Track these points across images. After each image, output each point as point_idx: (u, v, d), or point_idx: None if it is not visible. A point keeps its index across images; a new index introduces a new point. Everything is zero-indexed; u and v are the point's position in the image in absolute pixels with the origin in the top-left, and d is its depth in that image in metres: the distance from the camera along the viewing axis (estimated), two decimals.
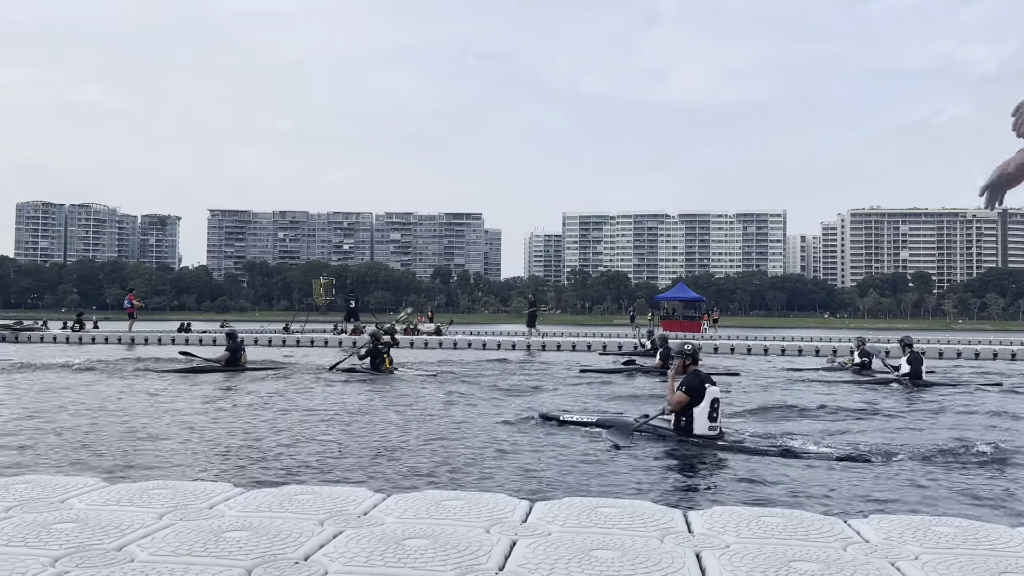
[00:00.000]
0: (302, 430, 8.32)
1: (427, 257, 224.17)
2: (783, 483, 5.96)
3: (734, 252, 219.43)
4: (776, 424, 9.12)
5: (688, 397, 7.39)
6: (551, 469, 6.35)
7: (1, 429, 8.04)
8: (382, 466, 6.47)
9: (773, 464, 6.57)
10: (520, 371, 17.33)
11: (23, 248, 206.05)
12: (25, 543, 2.73)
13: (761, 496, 5.56)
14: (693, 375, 7.64)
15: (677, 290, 61.71)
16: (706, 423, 7.34)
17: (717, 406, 7.43)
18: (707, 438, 7.31)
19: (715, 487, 5.99)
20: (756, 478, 6.11)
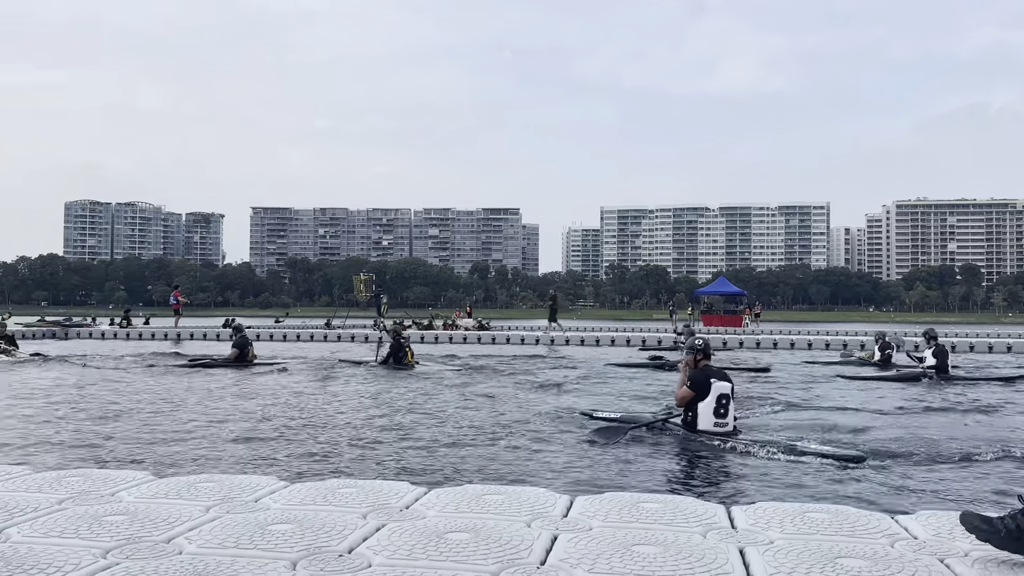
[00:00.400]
0: (336, 423, 8.42)
1: (465, 252, 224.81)
2: (794, 481, 5.86)
3: (776, 245, 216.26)
4: (799, 420, 8.90)
5: (692, 392, 7.24)
6: (581, 464, 6.34)
7: (51, 422, 8.27)
8: (417, 459, 6.51)
9: (781, 462, 6.41)
10: (546, 365, 17.31)
11: (71, 246, 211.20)
12: (77, 535, 2.80)
13: (778, 494, 5.47)
14: (699, 370, 7.46)
15: (718, 284, 60.94)
16: (711, 419, 7.16)
17: (726, 402, 7.21)
18: (712, 434, 7.12)
19: (718, 482, 5.91)
20: (765, 475, 6.00)
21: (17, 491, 3.47)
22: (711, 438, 7.05)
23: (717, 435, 7.08)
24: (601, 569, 2.49)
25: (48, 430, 7.80)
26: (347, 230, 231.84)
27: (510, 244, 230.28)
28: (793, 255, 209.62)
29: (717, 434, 7.10)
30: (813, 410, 10.06)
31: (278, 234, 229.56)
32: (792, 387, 13.11)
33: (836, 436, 7.70)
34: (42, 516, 3.04)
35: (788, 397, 11.42)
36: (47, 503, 3.25)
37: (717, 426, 7.16)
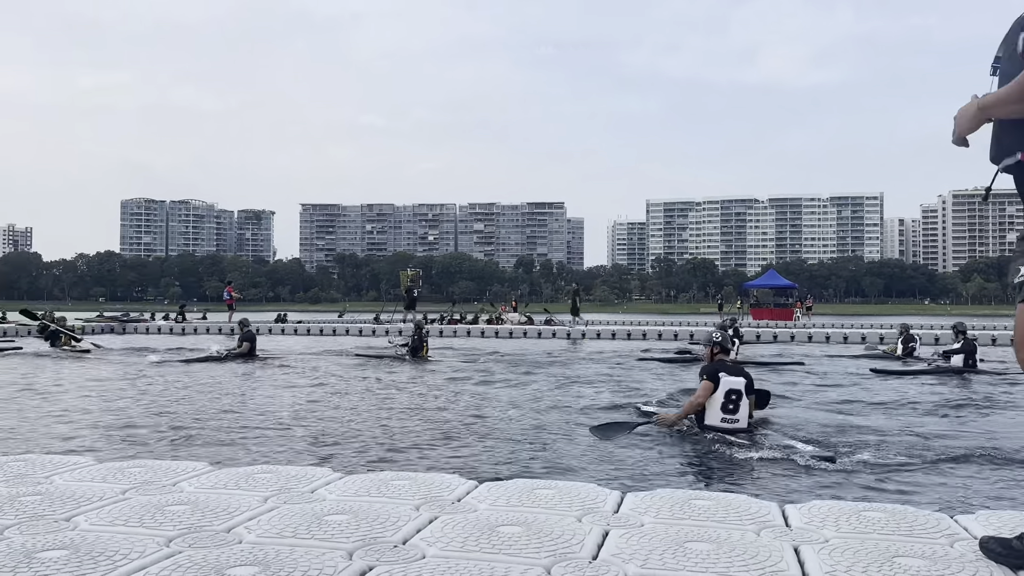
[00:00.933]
0: (373, 415, 8.56)
1: (510, 247, 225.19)
2: (839, 480, 5.75)
3: (828, 237, 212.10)
4: (827, 417, 8.70)
5: (712, 384, 7.07)
6: (595, 458, 6.36)
7: (111, 414, 8.53)
8: (459, 452, 6.58)
9: (793, 460, 6.24)
10: (574, 359, 17.29)
11: (128, 243, 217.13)
12: (142, 523, 2.90)
13: (825, 493, 5.38)
14: (711, 363, 7.35)
15: (768, 277, 60.02)
16: (719, 414, 7.01)
17: (736, 397, 7.01)
18: (719, 430, 6.96)
19: (757, 479, 5.84)
20: (794, 473, 5.89)
21: (83, 481, 3.59)
22: (719, 434, 6.89)
23: (726, 431, 6.93)
24: (654, 565, 2.48)
25: (109, 421, 8.05)
26: (394, 225, 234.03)
27: (555, 238, 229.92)
28: (845, 247, 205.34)
29: (725, 430, 6.94)
30: (845, 404, 9.89)
31: (327, 230, 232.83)
32: (826, 381, 12.87)
33: (863, 436, 7.47)
34: (108, 505, 3.15)
35: (823, 392, 11.22)
36: (112, 493, 3.36)
37: (725, 421, 6.99)
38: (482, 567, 2.43)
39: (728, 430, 6.94)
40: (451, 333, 29.09)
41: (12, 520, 2.93)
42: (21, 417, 8.38)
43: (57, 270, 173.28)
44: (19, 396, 10.18)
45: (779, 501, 3.44)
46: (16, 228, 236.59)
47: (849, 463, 6.19)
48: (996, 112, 2.44)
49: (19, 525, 2.87)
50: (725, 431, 6.92)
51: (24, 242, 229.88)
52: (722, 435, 6.85)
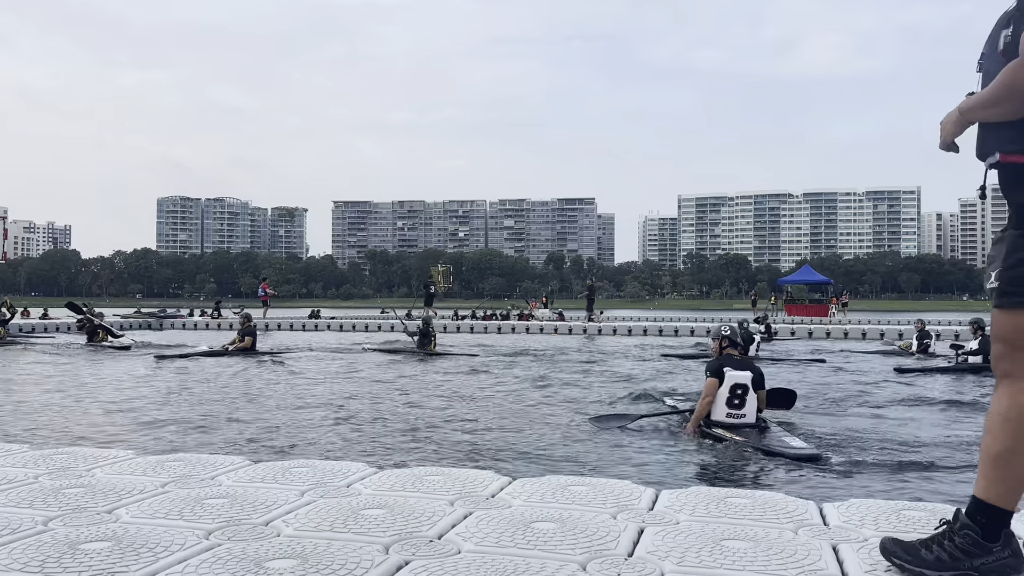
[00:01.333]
0: (397, 409, 8.67)
1: (540, 243, 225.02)
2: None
3: (863, 232, 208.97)
4: (829, 418, 8.50)
5: (716, 380, 6.96)
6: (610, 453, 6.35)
7: (150, 409, 8.68)
8: (488, 448, 6.63)
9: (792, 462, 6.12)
10: (597, 355, 17.24)
11: (164, 241, 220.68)
12: (181, 516, 2.94)
13: (862, 492, 5.30)
14: (717, 359, 7.23)
15: (802, 272, 59.29)
16: (724, 409, 6.89)
17: (742, 392, 6.87)
18: (724, 425, 6.83)
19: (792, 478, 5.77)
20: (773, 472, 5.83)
21: (124, 474, 3.66)
22: (723, 430, 6.76)
23: (731, 426, 6.81)
24: (690, 563, 2.47)
25: (146, 416, 8.19)
26: (424, 222, 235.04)
27: (585, 234, 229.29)
28: (882, 242, 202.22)
29: (731, 425, 6.81)
30: (867, 402, 9.75)
31: (359, 227, 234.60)
32: (850, 379, 12.68)
33: (895, 435, 7.32)
34: (148, 498, 3.20)
35: (844, 390, 11.06)
36: (152, 486, 3.41)
37: (731, 416, 6.87)
38: (517, 563, 2.43)
39: (734, 425, 6.80)
40: (481, 329, 29.15)
41: (56, 512, 2.99)
42: (60, 411, 8.56)
43: (95, 267, 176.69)
44: (58, 390, 10.39)
45: (816, 499, 3.41)
46: (56, 226, 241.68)
47: (879, 462, 6.09)
48: (976, 116, 2.38)
49: (63, 517, 2.93)
50: (730, 426, 6.79)
51: (64, 239, 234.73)
52: (726, 431, 6.72)
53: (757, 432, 6.69)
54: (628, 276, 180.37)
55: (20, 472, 3.67)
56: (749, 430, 6.72)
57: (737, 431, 6.68)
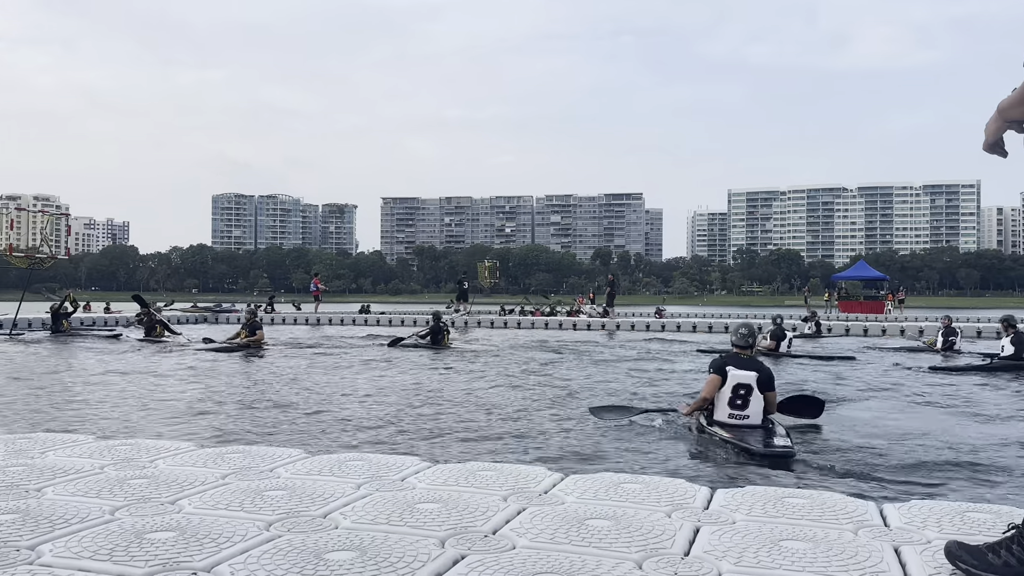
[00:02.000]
0: (439, 403, 8.74)
1: (587, 239, 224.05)
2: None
3: (920, 227, 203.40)
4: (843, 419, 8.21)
5: (719, 377, 6.71)
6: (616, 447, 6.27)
7: (204, 401, 8.89)
8: (534, 443, 6.65)
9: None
10: (635, 352, 17.08)
11: (219, 236, 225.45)
12: (242, 508, 3.01)
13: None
14: (722, 357, 6.99)
15: (857, 268, 57.87)
16: (726, 409, 6.64)
17: (745, 392, 6.59)
18: (727, 425, 6.57)
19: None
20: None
21: (185, 465, 3.75)
22: (725, 430, 6.51)
23: (733, 427, 6.54)
24: (748, 563, 2.44)
25: (199, 408, 8.40)
26: (471, 218, 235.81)
27: (633, 229, 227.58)
28: (939, 237, 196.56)
29: (733, 426, 6.56)
30: (908, 403, 9.45)
31: (407, 223, 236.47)
32: (878, 377, 12.33)
33: (947, 436, 7.10)
34: (209, 489, 3.28)
35: (882, 389, 10.77)
36: (212, 477, 3.50)
37: (733, 417, 6.62)
38: (573, 560, 2.43)
39: (736, 426, 6.55)
40: (528, 325, 29.14)
41: (122, 502, 3.08)
42: (118, 404, 8.81)
43: (152, 262, 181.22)
44: (116, 383, 10.71)
45: (878, 500, 3.34)
46: (115, 222, 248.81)
47: (930, 463, 5.94)
48: (1013, 114, 2.29)
49: (128, 507, 3.02)
50: (733, 427, 6.54)
51: (122, 235, 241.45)
52: (725, 431, 6.49)
53: (755, 433, 6.41)
54: (676, 272, 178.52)
55: (86, 463, 3.79)
56: (748, 431, 6.45)
57: (739, 432, 6.41)
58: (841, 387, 10.87)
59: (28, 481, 3.39)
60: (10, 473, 3.51)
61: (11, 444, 4.24)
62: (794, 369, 13.64)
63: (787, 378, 11.97)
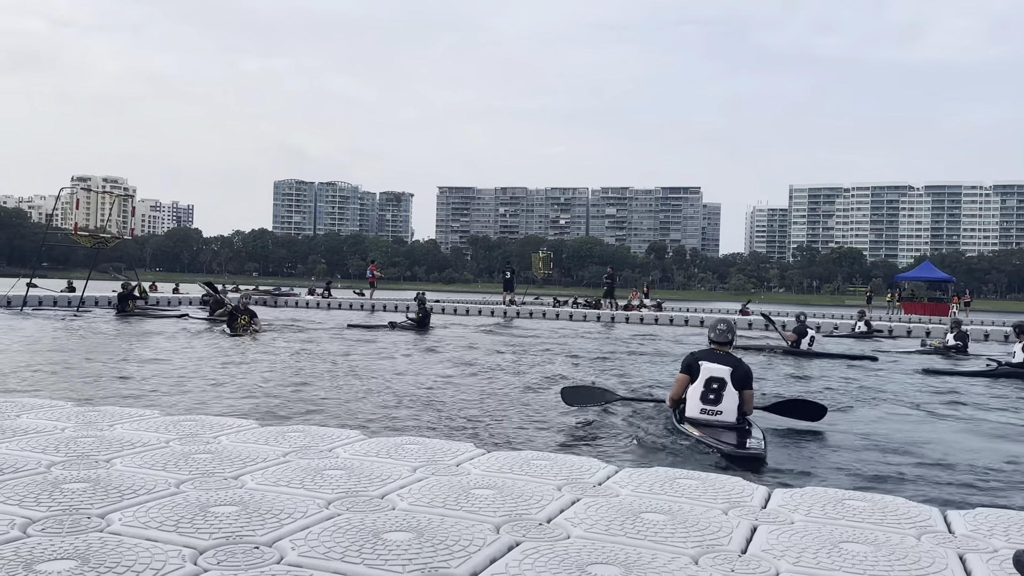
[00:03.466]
0: (478, 391, 8.80)
1: (642, 232, 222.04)
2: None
3: (990, 228, 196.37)
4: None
5: (687, 377, 6.40)
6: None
7: (259, 382, 9.09)
8: (580, 434, 6.65)
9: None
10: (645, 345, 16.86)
11: (279, 222, 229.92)
12: (303, 485, 3.07)
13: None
14: (692, 353, 6.63)
15: (922, 269, 56.21)
16: (698, 404, 6.29)
17: (717, 387, 6.24)
18: (698, 423, 6.20)
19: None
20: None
21: (247, 443, 3.85)
22: (691, 427, 6.17)
23: (706, 424, 6.19)
24: (808, 563, 2.40)
25: (258, 387, 8.59)
26: (526, 209, 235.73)
27: (689, 224, 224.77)
28: (1009, 239, 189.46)
29: (706, 423, 6.21)
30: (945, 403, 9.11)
31: (462, 212, 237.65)
32: (894, 380, 11.86)
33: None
34: (271, 467, 3.36)
35: (899, 390, 10.39)
36: (274, 455, 3.58)
37: (705, 413, 6.28)
38: (628, 552, 2.43)
39: (708, 423, 6.20)
40: (580, 318, 29.05)
41: (187, 475, 3.18)
42: (181, 379, 9.07)
43: (215, 245, 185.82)
44: (175, 360, 11.02)
45: (941, 505, 3.25)
46: (179, 205, 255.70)
47: (983, 469, 5.74)
48: None
49: (193, 480, 3.11)
50: (705, 424, 6.19)
51: (186, 218, 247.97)
52: (696, 428, 6.13)
53: (727, 432, 6.06)
54: (733, 268, 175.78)
55: (153, 436, 3.92)
56: (721, 429, 6.11)
57: (711, 430, 6.08)
58: (864, 388, 10.53)
59: (98, 452, 3.52)
60: (81, 444, 3.65)
61: (82, 416, 4.41)
62: (813, 367, 13.36)
63: (803, 375, 11.87)
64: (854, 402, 9.20)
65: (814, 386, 10.60)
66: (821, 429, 7.08)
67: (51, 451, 3.49)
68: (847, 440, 6.79)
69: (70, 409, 4.64)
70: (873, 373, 12.68)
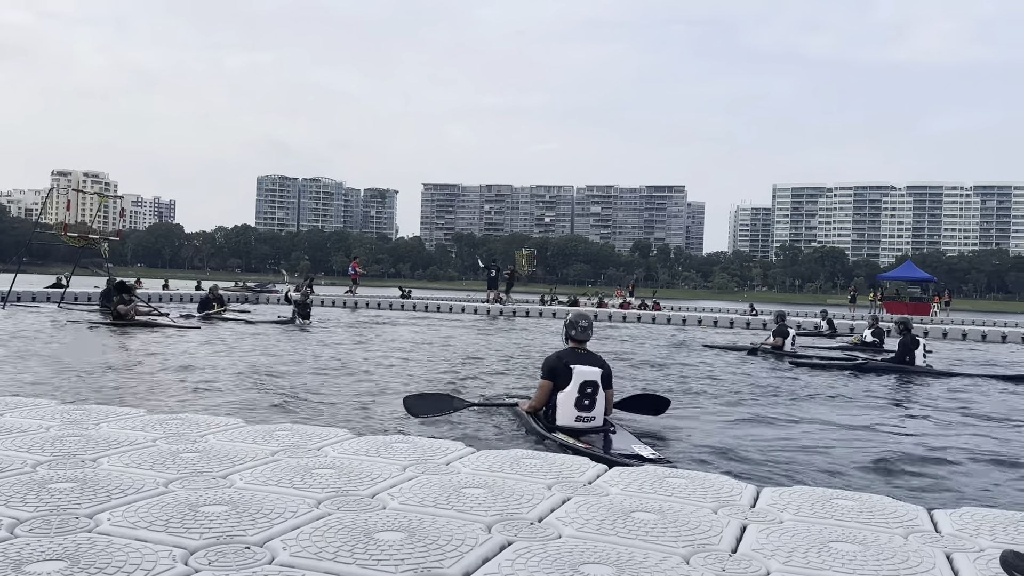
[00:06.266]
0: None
1: (627, 230, 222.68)
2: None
3: (970, 228, 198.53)
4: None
5: (550, 382, 5.85)
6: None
7: (245, 377, 9.04)
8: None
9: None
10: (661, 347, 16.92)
11: (262, 218, 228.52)
12: (292, 485, 3.06)
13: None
14: (555, 353, 6.09)
15: (904, 269, 56.68)
16: (573, 412, 5.74)
17: (592, 391, 5.76)
18: (573, 431, 5.67)
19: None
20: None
21: (235, 441, 3.82)
22: (565, 436, 5.61)
23: (580, 432, 5.69)
24: (798, 563, 2.41)
25: (244, 384, 8.54)
26: (511, 206, 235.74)
27: (673, 222, 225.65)
28: (989, 239, 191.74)
29: (580, 431, 5.70)
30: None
31: (447, 209, 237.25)
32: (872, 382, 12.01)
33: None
34: (259, 466, 3.34)
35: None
36: (262, 454, 3.56)
37: (580, 420, 5.75)
38: (620, 551, 2.43)
39: (584, 430, 5.71)
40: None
41: (175, 475, 3.16)
42: (162, 377, 9.00)
43: (197, 241, 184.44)
44: (156, 358, 10.94)
45: (929, 505, 3.28)
46: (161, 200, 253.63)
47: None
48: None
49: (181, 480, 3.09)
50: (581, 432, 5.69)
51: (168, 214, 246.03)
52: (571, 436, 5.60)
53: (603, 437, 5.67)
54: (717, 267, 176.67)
55: (139, 435, 3.89)
56: (595, 435, 5.69)
57: (590, 438, 5.61)
58: (852, 392, 10.54)
59: (85, 451, 3.48)
60: (67, 443, 3.62)
61: (67, 415, 4.36)
62: (798, 370, 13.10)
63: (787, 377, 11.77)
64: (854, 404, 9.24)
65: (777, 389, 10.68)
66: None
67: (36, 450, 3.45)
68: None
69: (55, 408, 4.59)
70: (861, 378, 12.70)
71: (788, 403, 8.95)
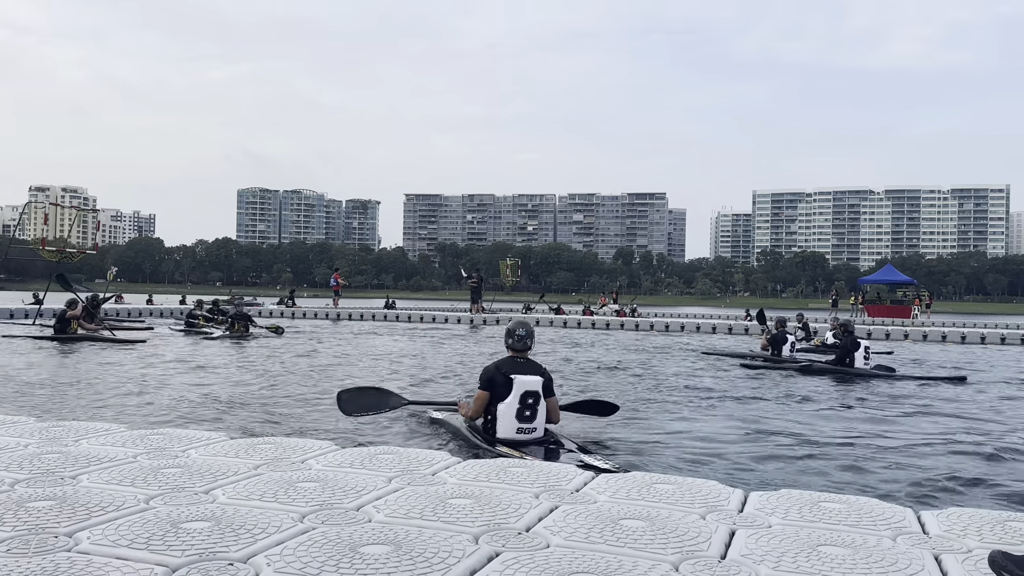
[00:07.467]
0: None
1: (609, 238, 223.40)
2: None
3: (948, 231, 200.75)
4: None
5: (487, 393, 5.63)
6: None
7: (226, 389, 8.95)
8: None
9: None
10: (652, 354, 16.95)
11: (243, 230, 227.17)
12: (276, 499, 3.01)
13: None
14: (495, 363, 5.82)
15: (884, 272, 57.23)
16: (514, 423, 5.51)
17: (533, 402, 5.55)
18: (514, 443, 5.45)
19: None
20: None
21: (217, 456, 3.77)
22: (509, 450, 5.34)
23: (522, 443, 5.47)
24: (787, 567, 2.40)
25: (227, 398, 8.45)
26: (494, 216, 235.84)
27: (656, 229, 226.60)
28: (967, 242, 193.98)
29: (522, 443, 5.49)
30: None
31: (429, 220, 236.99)
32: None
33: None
34: (242, 480, 3.29)
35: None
36: (245, 468, 3.51)
37: (522, 432, 5.54)
38: (609, 560, 2.41)
39: (525, 442, 5.52)
40: (547, 323, 29.07)
41: (157, 491, 3.10)
42: (143, 391, 8.89)
43: (178, 255, 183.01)
44: (137, 372, 10.81)
45: (914, 507, 3.29)
46: (141, 214, 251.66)
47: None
48: None
49: (163, 496, 3.03)
50: (522, 444, 5.48)
51: (148, 228, 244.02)
52: (514, 449, 5.36)
53: (544, 450, 5.47)
54: (699, 273, 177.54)
55: (120, 451, 3.83)
56: (537, 447, 5.52)
57: (526, 448, 5.42)
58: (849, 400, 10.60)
59: (63, 468, 3.42)
60: (46, 460, 3.55)
61: (45, 432, 4.29)
62: (803, 380, 12.99)
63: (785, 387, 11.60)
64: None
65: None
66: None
67: (14, 468, 3.39)
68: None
69: (33, 424, 4.51)
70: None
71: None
